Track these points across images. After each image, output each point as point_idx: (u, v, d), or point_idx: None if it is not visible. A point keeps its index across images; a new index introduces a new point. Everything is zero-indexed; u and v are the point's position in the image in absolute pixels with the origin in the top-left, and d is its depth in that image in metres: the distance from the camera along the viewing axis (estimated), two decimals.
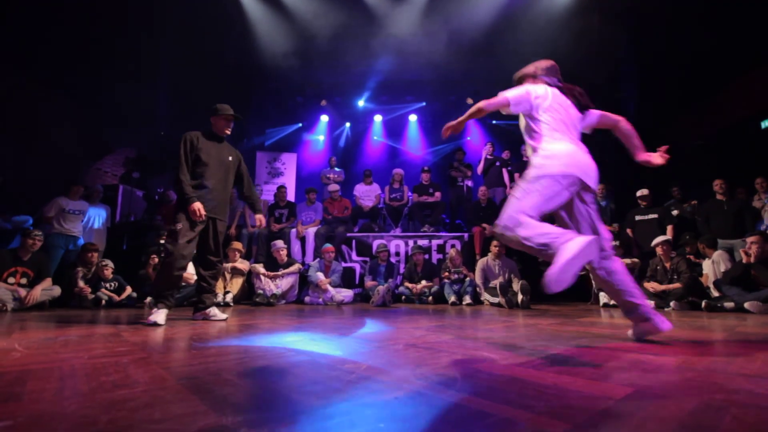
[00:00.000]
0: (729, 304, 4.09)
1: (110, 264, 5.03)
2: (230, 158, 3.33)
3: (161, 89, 8.36)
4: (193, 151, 3.15)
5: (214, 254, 3.27)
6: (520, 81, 2.33)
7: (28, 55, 6.38)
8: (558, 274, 1.54)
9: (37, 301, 4.33)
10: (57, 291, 4.61)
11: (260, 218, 3.49)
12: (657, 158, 2.12)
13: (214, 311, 3.25)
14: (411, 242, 6.38)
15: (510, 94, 2.09)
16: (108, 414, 0.90)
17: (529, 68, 2.34)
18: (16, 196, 5.99)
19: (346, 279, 6.00)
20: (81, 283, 4.78)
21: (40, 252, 4.65)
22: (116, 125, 7.91)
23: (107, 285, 4.95)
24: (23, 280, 4.41)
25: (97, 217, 5.97)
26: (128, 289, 5.02)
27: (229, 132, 3.35)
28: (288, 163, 9.83)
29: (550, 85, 2.20)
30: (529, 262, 5.88)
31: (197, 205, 2.98)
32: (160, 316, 2.81)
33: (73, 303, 4.74)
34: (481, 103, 2.07)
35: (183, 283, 4.91)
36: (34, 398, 1.03)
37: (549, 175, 1.84)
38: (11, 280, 4.34)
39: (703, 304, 4.20)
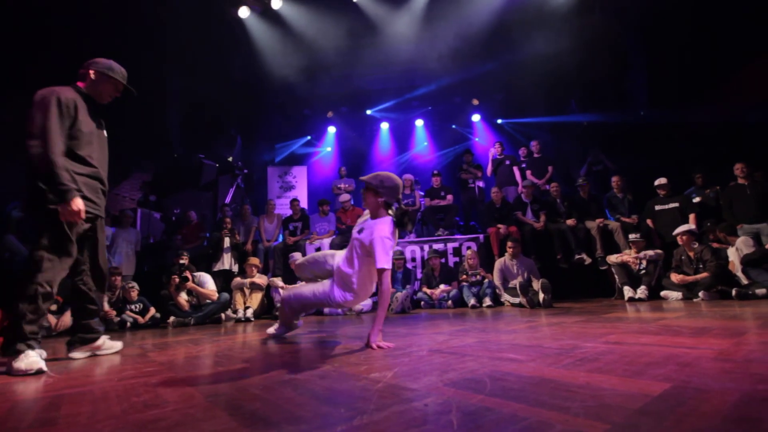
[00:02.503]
0: (761, 291, 3.95)
1: (136, 286, 5.14)
2: (105, 133, 2.42)
3: (172, 111, 8.57)
4: (67, 116, 2.13)
5: (100, 266, 2.41)
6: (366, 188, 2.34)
7: (48, 85, 6.62)
8: None
9: (66, 327, 4.43)
10: None
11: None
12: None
13: (106, 343, 2.47)
14: (426, 247, 6.34)
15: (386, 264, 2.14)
16: None
17: (373, 181, 2.31)
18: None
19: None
20: (106, 307, 4.89)
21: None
22: (131, 151, 8.11)
23: (132, 307, 5.05)
24: (53, 307, 4.52)
25: (126, 241, 6.13)
26: (152, 310, 5.11)
27: (107, 101, 2.43)
28: (299, 176, 9.92)
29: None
30: (547, 259, 5.79)
31: (80, 203, 2.04)
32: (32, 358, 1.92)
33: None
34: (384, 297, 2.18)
35: (206, 300, 4.99)
36: (70, 422, 1.05)
37: None
38: None
39: (734, 292, 4.05)
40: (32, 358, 1.90)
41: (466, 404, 0.99)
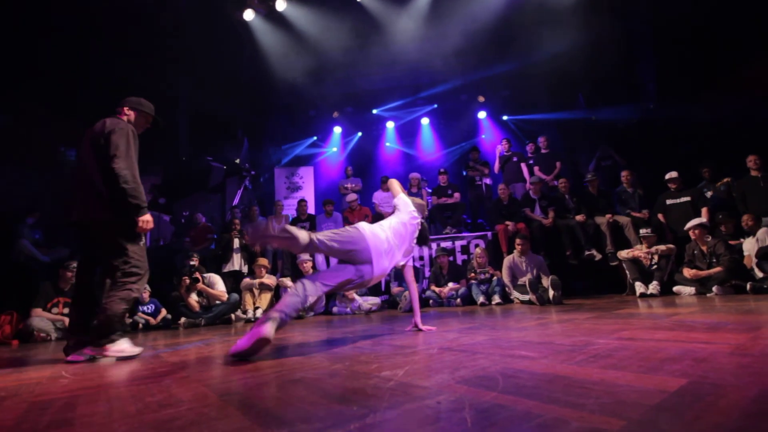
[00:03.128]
0: None
1: (148, 288, 5.20)
2: None
3: (180, 115, 8.65)
4: (136, 145, 2.57)
5: None
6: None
7: (58, 95, 6.71)
8: None
9: None
10: None
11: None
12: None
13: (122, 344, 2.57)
14: (434, 245, 6.32)
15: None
16: None
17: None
18: (53, 230, 6.27)
19: (373, 287, 5.99)
20: None
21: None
22: (140, 154, 8.20)
23: (145, 308, 5.12)
24: (65, 310, 4.59)
25: None
26: (163, 312, 5.17)
27: (140, 132, 2.77)
28: (306, 177, 9.95)
29: None
30: (557, 256, 5.74)
31: (150, 217, 2.49)
32: (124, 345, 2.40)
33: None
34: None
35: (216, 302, 5.03)
36: (86, 422, 1.06)
37: None
38: (54, 310, 4.53)
39: (748, 286, 3.99)
40: (126, 344, 2.39)
41: (479, 402, 0.98)
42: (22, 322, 4.36)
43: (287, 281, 5.50)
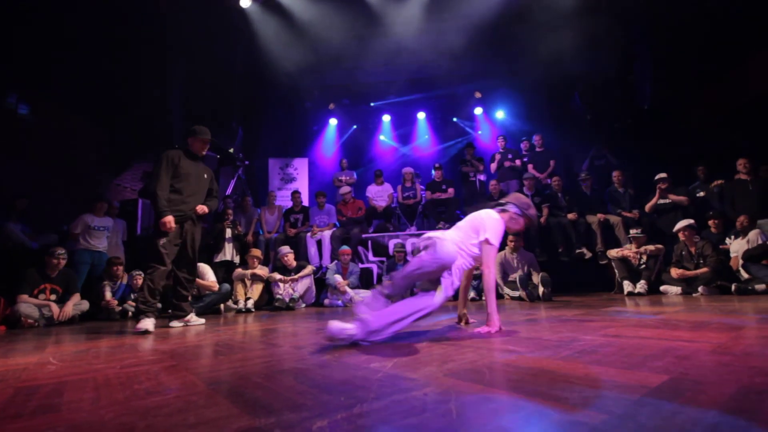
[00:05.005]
0: (760, 287, 3.96)
1: (142, 274, 5.16)
2: (205, 176, 3.61)
3: (175, 103, 8.53)
4: (171, 167, 3.34)
5: (192, 260, 3.58)
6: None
7: (48, 80, 6.58)
8: None
9: (68, 317, 4.47)
10: (85, 305, 4.75)
11: (201, 206, 3.53)
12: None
13: (193, 318, 3.58)
14: None
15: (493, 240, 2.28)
16: (144, 420, 0.92)
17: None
18: (41, 216, 6.18)
19: (364, 280, 6.01)
20: (108, 297, 4.92)
21: (67, 268, 4.80)
22: (134, 141, 8.10)
23: (137, 295, 5.09)
24: (52, 297, 4.55)
25: (115, 231, 6.09)
26: None
27: (204, 153, 3.58)
28: (300, 168, 9.90)
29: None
30: (548, 254, 5.80)
31: (169, 218, 3.21)
32: (149, 323, 3.04)
33: (101, 316, 4.87)
34: (491, 280, 2.28)
35: (207, 292, 5.01)
36: (73, 408, 1.06)
37: None
38: (41, 296, 4.48)
39: (733, 287, 4.07)
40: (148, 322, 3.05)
41: (465, 394, 1.00)
42: (9, 308, 4.32)
43: (277, 275, 5.50)
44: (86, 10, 6.23)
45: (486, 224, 2.29)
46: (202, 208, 3.51)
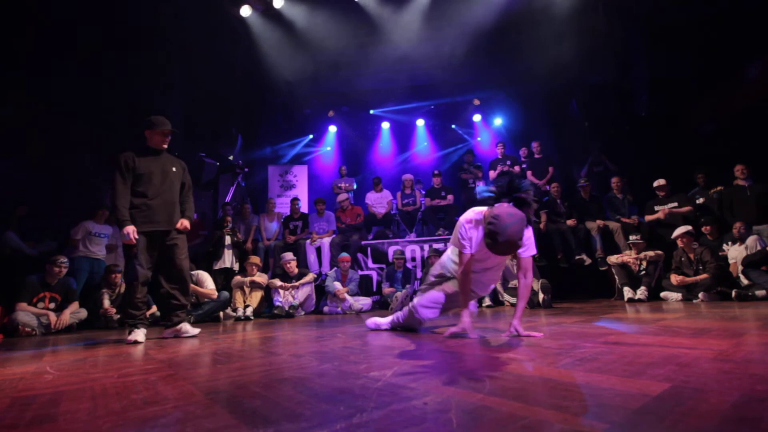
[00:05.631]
0: (761, 293, 3.95)
1: None
2: (174, 169, 3.27)
3: (173, 111, 8.55)
4: (128, 171, 3.07)
5: (179, 268, 3.22)
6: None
7: (47, 85, 6.61)
8: None
9: (65, 325, 4.44)
10: (83, 314, 4.72)
11: (183, 222, 3.22)
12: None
13: (185, 327, 3.22)
14: (426, 247, 6.34)
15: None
16: (142, 431, 0.91)
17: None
18: (41, 224, 6.17)
19: (364, 287, 5.99)
20: (106, 305, 4.90)
21: (66, 277, 4.78)
22: (134, 148, 8.10)
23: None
24: (51, 305, 4.53)
25: (115, 238, 6.07)
26: (153, 308, 5.11)
27: (165, 146, 3.26)
28: (299, 175, 9.92)
29: None
30: (548, 260, 5.79)
31: (129, 229, 2.95)
32: (139, 335, 2.94)
33: (99, 324, 4.85)
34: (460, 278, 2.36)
35: (206, 299, 4.99)
36: (69, 419, 1.05)
37: None
38: (40, 305, 4.46)
39: (733, 293, 4.06)
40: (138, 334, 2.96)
41: (465, 403, 0.99)
42: (6, 317, 4.29)
43: (277, 282, 5.48)
44: (88, 16, 6.28)
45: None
46: (183, 224, 3.19)
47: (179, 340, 3.05)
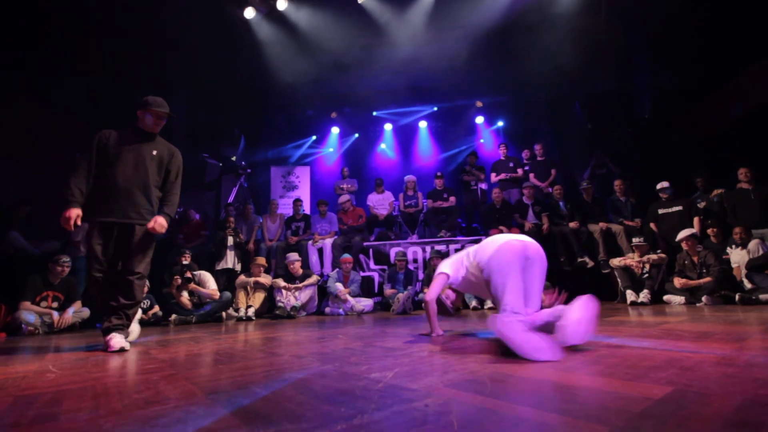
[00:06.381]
0: (764, 296, 3.92)
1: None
2: (154, 152, 2.81)
3: (177, 111, 8.58)
4: (100, 151, 2.69)
5: (131, 265, 2.66)
6: None
7: (51, 86, 6.65)
8: None
9: (68, 324, 4.46)
10: (86, 313, 4.74)
11: (157, 219, 2.69)
12: None
13: (116, 339, 2.51)
14: (428, 248, 6.33)
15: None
16: (143, 430, 0.91)
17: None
18: (44, 223, 6.20)
19: (365, 288, 5.99)
20: None
21: (69, 276, 4.80)
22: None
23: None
24: (54, 304, 4.55)
25: None
26: (155, 308, 5.12)
27: (157, 130, 2.87)
28: (302, 176, 9.93)
29: None
30: (550, 262, 5.76)
31: (72, 213, 2.51)
32: (122, 340, 2.48)
33: (101, 323, 4.86)
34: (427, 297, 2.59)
35: (207, 299, 5.00)
36: (71, 417, 1.05)
37: None
38: (43, 303, 4.48)
39: (737, 297, 4.03)
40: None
41: (466, 405, 0.99)
42: (10, 315, 4.31)
43: (281, 281, 5.48)
44: (92, 18, 6.32)
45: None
46: (155, 223, 2.66)
47: (181, 340, 3.06)
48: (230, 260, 6.08)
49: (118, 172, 2.65)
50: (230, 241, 6.10)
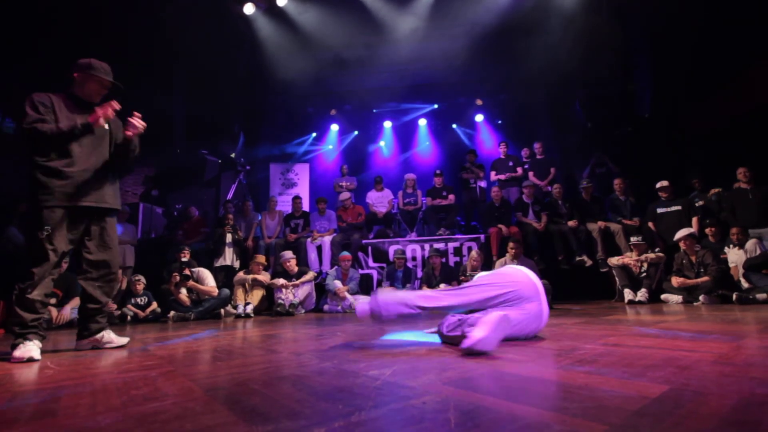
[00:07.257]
0: (761, 296, 3.94)
1: (142, 279, 5.18)
2: (106, 126, 2.47)
3: (176, 108, 8.57)
4: (47, 111, 2.28)
5: (103, 258, 2.43)
6: None
7: (50, 82, 6.63)
8: None
9: (66, 321, 4.46)
10: None
11: (132, 122, 2.46)
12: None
13: (108, 336, 2.43)
14: (427, 246, 6.34)
15: None
16: (141, 427, 0.91)
17: None
18: None
19: (364, 286, 6.00)
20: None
21: (68, 272, 4.79)
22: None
23: (138, 300, 5.09)
24: (52, 300, 4.54)
25: (126, 235, 6.13)
26: (154, 305, 5.13)
27: (98, 101, 2.47)
28: (301, 174, 9.93)
29: None
30: (549, 261, 5.78)
31: (101, 109, 2.28)
32: (33, 349, 2.07)
33: None
34: None
35: (206, 296, 5.00)
36: (69, 413, 1.06)
37: None
38: None
39: (734, 296, 4.05)
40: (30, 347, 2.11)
41: (463, 403, 0.99)
42: (8, 312, 4.31)
43: (278, 281, 5.49)
44: (90, 16, 6.29)
45: None
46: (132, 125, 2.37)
47: (181, 338, 3.06)
48: (229, 257, 6.08)
49: (76, 151, 2.29)
50: (229, 238, 6.10)
